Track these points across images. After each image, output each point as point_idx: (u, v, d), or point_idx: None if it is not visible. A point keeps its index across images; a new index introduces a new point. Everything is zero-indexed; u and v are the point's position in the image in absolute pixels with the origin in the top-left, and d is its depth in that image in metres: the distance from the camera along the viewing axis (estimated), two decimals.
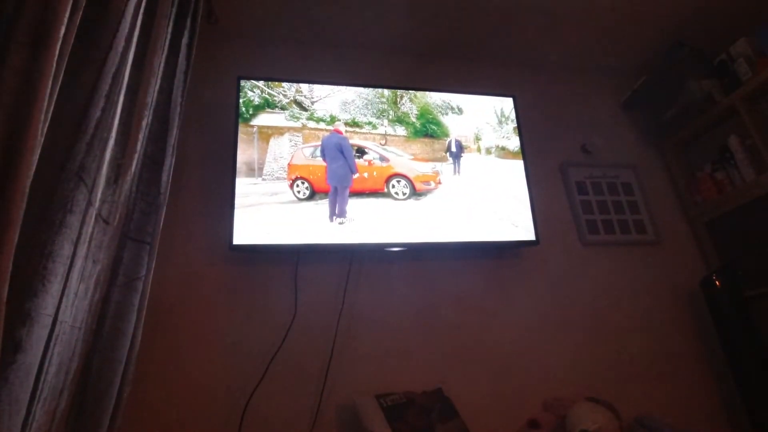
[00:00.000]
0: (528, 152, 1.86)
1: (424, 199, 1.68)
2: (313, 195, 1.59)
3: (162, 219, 1.25)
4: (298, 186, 1.59)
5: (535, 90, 2.16)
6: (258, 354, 1.43)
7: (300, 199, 1.57)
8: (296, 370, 1.45)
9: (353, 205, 1.60)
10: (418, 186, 1.69)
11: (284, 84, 1.70)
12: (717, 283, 1.73)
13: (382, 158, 1.69)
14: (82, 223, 0.89)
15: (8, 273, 0.61)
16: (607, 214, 1.99)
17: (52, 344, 0.81)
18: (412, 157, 1.73)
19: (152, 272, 1.20)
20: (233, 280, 1.54)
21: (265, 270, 1.57)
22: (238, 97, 1.63)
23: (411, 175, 1.69)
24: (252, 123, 1.62)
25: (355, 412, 1.32)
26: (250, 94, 1.64)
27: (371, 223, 1.59)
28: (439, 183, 1.71)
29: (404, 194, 1.67)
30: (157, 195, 1.24)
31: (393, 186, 1.67)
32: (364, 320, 1.57)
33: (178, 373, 1.39)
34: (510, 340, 1.66)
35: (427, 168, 1.73)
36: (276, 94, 1.68)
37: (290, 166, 1.60)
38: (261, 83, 1.67)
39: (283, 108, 1.67)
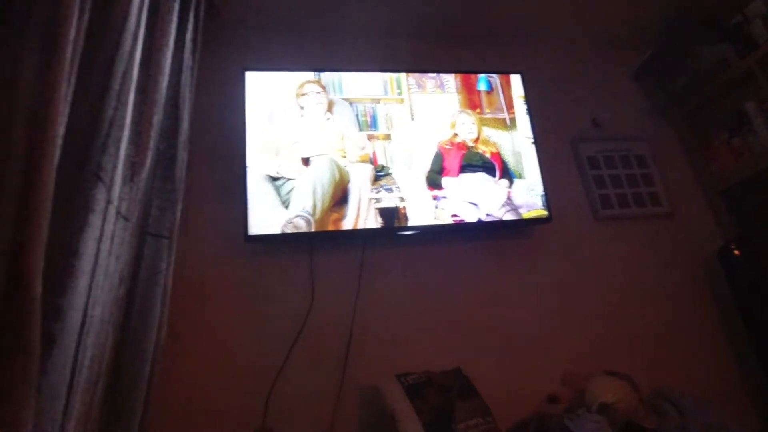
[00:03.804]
0: (538, 128, 1.84)
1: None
2: None
3: (179, 213, 1.28)
4: None
5: (543, 66, 2.13)
6: (279, 340, 1.47)
7: None
8: (317, 355, 1.49)
9: None
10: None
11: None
12: (735, 252, 1.70)
13: None
14: (104, 221, 0.93)
15: (41, 271, 0.64)
16: (620, 188, 1.97)
17: (84, 337, 0.85)
18: None
19: (172, 266, 1.23)
20: (251, 269, 1.57)
21: (281, 259, 1.60)
22: (244, 89, 1.64)
23: None
24: None
25: (377, 391, 1.36)
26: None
27: None
28: None
29: None
30: (172, 190, 1.27)
31: None
32: (380, 304, 1.60)
33: (203, 360, 1.43)
34: (526, 318, 1.67)
35: None
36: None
37: None
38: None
39: None
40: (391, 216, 1.61)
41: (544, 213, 1.73)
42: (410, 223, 1.61)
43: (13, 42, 0.71)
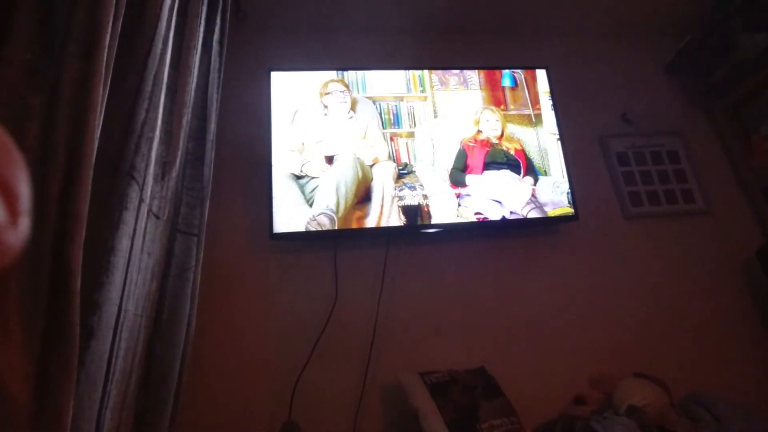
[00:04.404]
0: (564, 125, 1.80)
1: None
2: None
3: (207, 211, 1.31)
4: None
5: (569, 59, 2.08)
6: (304, 337, 1.49)
7: None
8: (341, 352, 1.50)
9: None
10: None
11: None
12: None
13: None
14: (137, 218, 0.96)
15: (80, 267, 0.68)
16: (651, 185, 1.91)
17: (119, 331, 0.88)
18: None
19: (201, 263, 1.27)
20: (275, 266, 1.60)
21: (306, 256, 1.63)
22: (269, 90, 1.67)
23: None
24: None
25: (400, 389, 1.36)
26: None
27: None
28: None
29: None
30: (200, 189, 1.30)
31: None
32: (403, 302, 1.60)
33: (231, 355, 1.47)
34: (552, 318, 1.64)
35: None
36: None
37: None
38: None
39: None
40: (415, 214, 1.60)
41: (570, 211, 1.69)
42: (433, 221, 1.61)
43: (56, 48, 0.75)
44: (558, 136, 1.78)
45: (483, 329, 1.60)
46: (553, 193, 1.71)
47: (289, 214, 1.54)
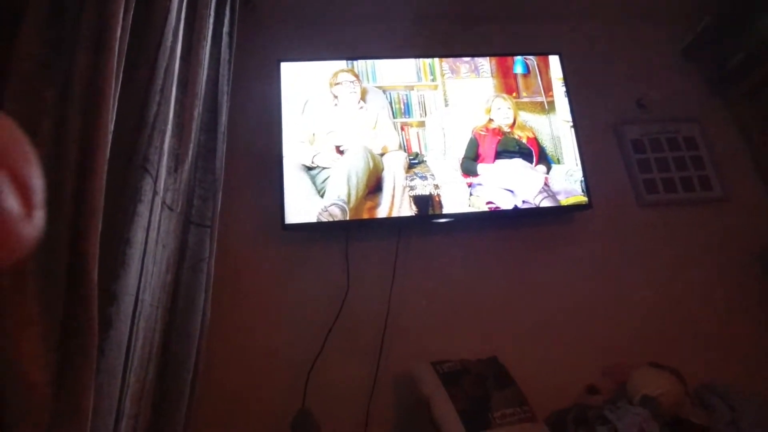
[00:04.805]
0: (577, 112, 1.77)
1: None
2: None
3: (219, 203, 1.32)
4: None
5: (583, 45, 2.03)
6: (316, 327, 1.50)
7: None
8: (353, 341, 1.51)
9: None
10: None
11: None
12: None
13: None
14: (151, 211, 0.97)
15: (97, 259, 0.69)
16: (667, 172, 1.87)
17: (136, 321, 0.90)
18: None
19: (214, 254, 1.28)
20: (287, 257, 1.61)
21: (317, 247, 1.63)
22: (279, 80, 1.66)
23: None
24: None
25: (412, 378, 1.37)
26: None
27: None
28: None
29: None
30: (213, 181, 1.31)
31: None
32: (415, 292, 1.61)
33: (244, 345, 1.49)
34: (565, 306, 1.63)
35: None
36: None
37: None
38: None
39: None
40: (426, 204, 1.60)
41: (583, 199, 1.67)
42: (445, 211, 1.60)
43: (68, 42, 0.75)
44: (571, 124, 1.75)
45: (495, 319, 1.60)
46: (567, 182, 1.69)
47: (301, 205, 1.55)
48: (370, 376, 1.47)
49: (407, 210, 1.58)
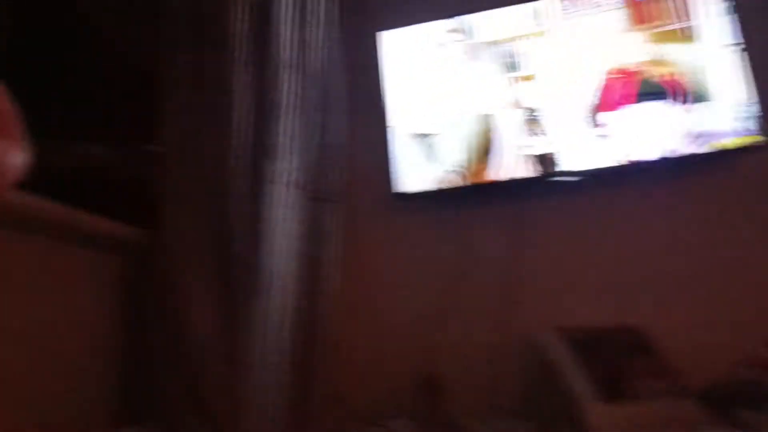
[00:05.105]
0: (744, 32, 1.42)
1: None
2: None
3: (342, 178, 1.41)
4: None
5: None
6: (436, 295, 1.52)
7: None
8: (476, 307, 1.51)
9: None
10: None
11: None
12: None
13: None
14: (279, 190, 1.08)
15: (238, 234, 0.80)
16: None
17: (272, 290, 1.03)
18: None
19: (341, 226, 1.38)
20: (403, 226, 1.65)
21: (433, 214, 1.64)
22: (382, 49, 1.66)
23: None
24: None
25: (539, 344, 1.33)
26: None
27: None
28: None
29: None
30: (334, 157, 1.40)
31: None
32: (539, 257, 1.52)
33: (369, 314, 1.57)
34: (720, 268, 1.39)
35: None
36: None
37: None
38: None
39: None
40: (545, 162, 1.48)
41: (751, 140, 1.37)
42: (568, 169, 1.47)
43: (194, 43, 0.86)
44: (742, 47, 1.42)
45: (633, 283, 1.44)
46: (724, 121, 1.40)
47: (414, 173, 1.56)
48: (494, 343, 1.46)
49: (525, 171, 1.49)
